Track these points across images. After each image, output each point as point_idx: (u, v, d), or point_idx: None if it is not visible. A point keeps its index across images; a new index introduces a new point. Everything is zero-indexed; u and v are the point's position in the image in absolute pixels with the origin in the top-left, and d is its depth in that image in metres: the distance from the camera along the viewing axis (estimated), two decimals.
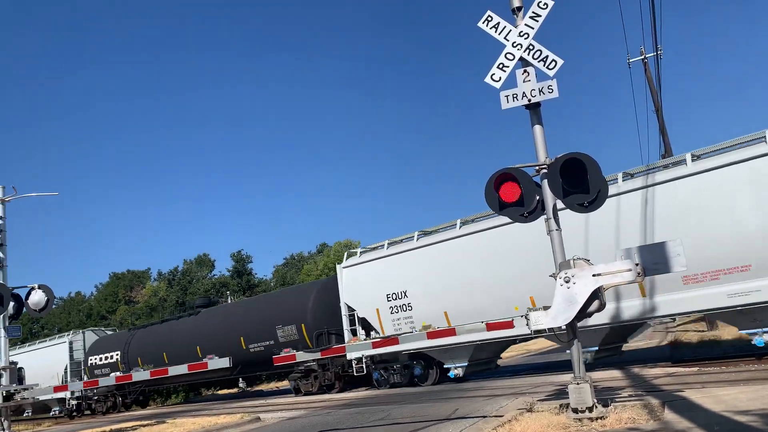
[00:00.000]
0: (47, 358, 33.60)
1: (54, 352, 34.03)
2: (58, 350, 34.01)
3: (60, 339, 35.14)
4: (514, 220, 9.06)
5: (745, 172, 13.01)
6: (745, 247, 12.88)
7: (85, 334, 34.56)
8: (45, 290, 13.72)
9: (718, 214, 13.21)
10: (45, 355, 34.12)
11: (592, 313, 8.33)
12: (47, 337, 38.32)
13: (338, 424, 12.07)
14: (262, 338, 23.97)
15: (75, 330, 36.36)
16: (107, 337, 34.63)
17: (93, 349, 32.73)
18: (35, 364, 32.15)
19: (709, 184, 13.47)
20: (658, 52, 25.91)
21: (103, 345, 32.49)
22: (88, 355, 32.33)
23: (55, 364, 33.10)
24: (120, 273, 77.43)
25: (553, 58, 8.75)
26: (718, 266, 13.16)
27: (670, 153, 25.96)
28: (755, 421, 6.59)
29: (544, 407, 9.29)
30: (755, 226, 12.79)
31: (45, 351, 34.76)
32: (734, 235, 12.98)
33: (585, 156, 8.21)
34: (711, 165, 13.56)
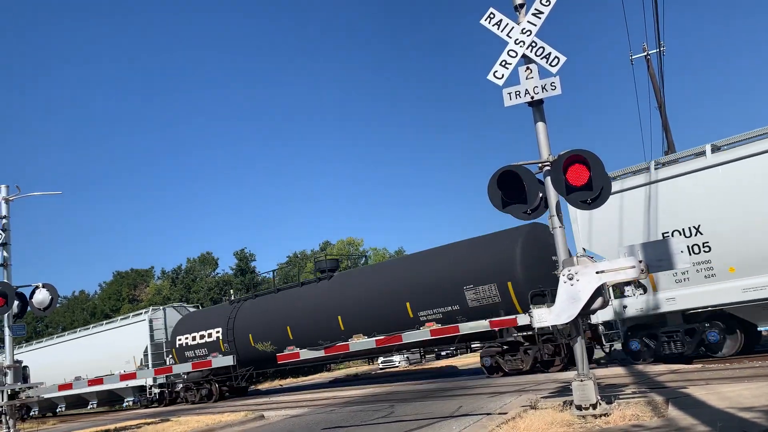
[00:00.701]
0: (121, 341, 29.89)
1: (129, 334, 29.86)
2: (134, 331, 29.70)
3: (136, 317, 30.87)
4: (517, 218, 9.05)
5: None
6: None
7: (166, 311, 30.24)
8: (49, 289, 13.78)
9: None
10: (118, 337, 30.31)
11: (595, 310, 8.35)
12: (119, 317, 34.24)
13: (342, 422, 12.09)
14: (441, 303, 18.84)
15: (154, 306, 32.21)
16: (198, 314, 30.18)
17: (181, 327, 27.96)
18: (106, 346, 30.09)
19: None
20: (660, 48, 25.84)
21: (195, 322, 27.76)
22: (175, 334, 27.74)
23: (131, 346, 29.19)
24: (123, 272, 77.62)
25: (556, 55, 8.75)
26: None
27: (673, 149, 25.90)
28: (760, 418, 6.59)
29: (547, 404, 9.30)
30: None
31: (118, 332, 30.82)
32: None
33: (588, 153, 8.20)
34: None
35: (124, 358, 28.72)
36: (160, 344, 28.71)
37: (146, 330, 28.97)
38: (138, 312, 31.74)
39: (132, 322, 30.49)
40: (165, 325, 29.30)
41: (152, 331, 28.89)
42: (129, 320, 30.98)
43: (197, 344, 26.36)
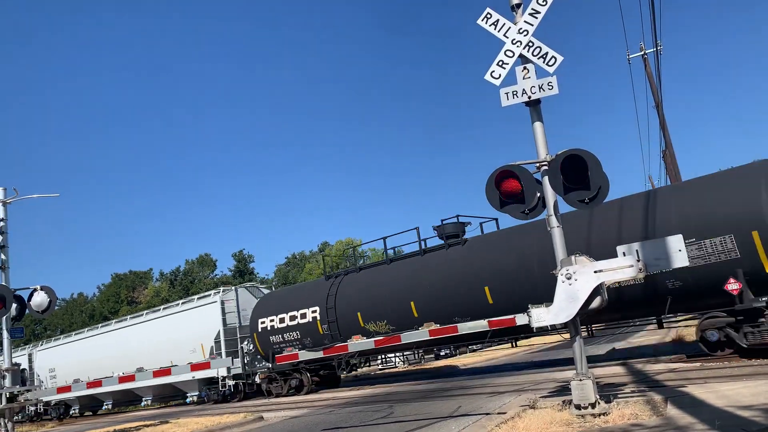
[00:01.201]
0: (183, 327, 26.54)
1: (194, 319, 26.26)
2: (201, 316, 26.03)
3: (203, 300, 26.96)
4: (515, 217, 9.05)
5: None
6: None
7: (238, 291, 26.19)
8: (47, 291, 13.75)
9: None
10: (180, 324, 26.89)
11: (594, 309, 8.35)
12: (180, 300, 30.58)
13: (341, 423, 12.08)
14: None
15: (225, 287, 27.51)
16: (282, 293, 26.40)
17: (263, 308, 23.85)
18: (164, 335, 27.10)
19: None
20: (658, 47, 25.86)
21: (281, 302, 23.68)
22: (256, 317, 23.58)
23: (197, 333, 25.64)
24: (122, 274, 77.64)
25: (553, 55, 8.76)
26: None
27: (671, 149, 25.94)
28: (758, 416, 6.60)
29: (546, 404, 9.30)
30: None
31: (180, 318, 27.30)
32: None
33: (586, 152, 8.21)
34: None
35: (188, 346, 25.41)
36: (232, 329, 24.89)
37: (218, 313, 25.01)
38: (204, 294, 28.18)
39: (199, 305, 26.66)
40: (238, 307, 25.40)
41: (224, 315, 24.91)
42: (194, 303, 27.19)
43: (287, 327, 22.30)
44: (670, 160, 26.91)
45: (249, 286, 27.57)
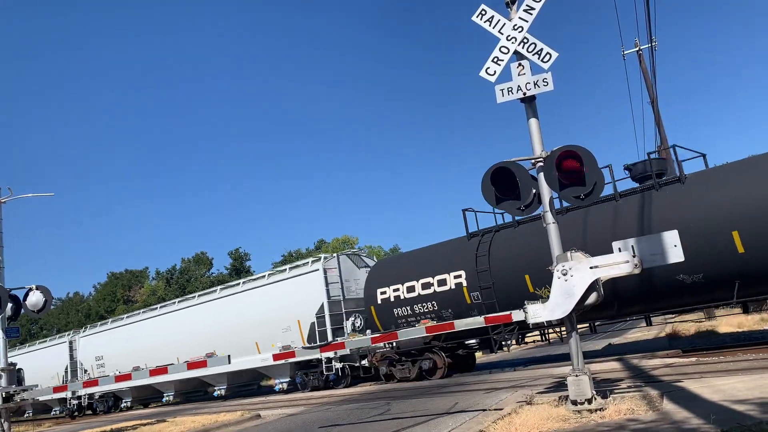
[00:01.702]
0: (280, 301, 22.54)
1: (293, 290, 22.29)
2: (301, 286, 22.04)
3: (301, 269, 22.68)
4: (511, 214, 9.07)
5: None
6: None
7: (340, 259, 22.33)
8: (43, 291, 13.71)
9: None
10: (275, 296, 22.89)
11: (590, 305, 8.37)
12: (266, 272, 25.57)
13: (339, 420, 12.09)
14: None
15: (326, 255, 23.20)
16: (404, 258, 21.80)
17: (380, 276, 20.42)
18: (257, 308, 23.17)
19: None
20: (652, 43, 25.92)
21: (404, 268, 19.90)
22: (373, 286, 20.23)
23: (296, 307, 21.80)
24: (118, 273, 77.47)
25: (548, 51, 8.76)
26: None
27: (666, 144, 26.00)
28: (753, 410, 6.63)
29: (543, 400, 9.33)
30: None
31: (273, 290, 23.24)
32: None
33: (581, 148, 8.22)
34: None
35: (280, 324, 21.90)
36: (336, 302, 21.28)
37: (320, 284, 21.21)
38: (297, 264, 23.76)
39: (293, 276, 22.69)
40: (341, 277, 21.67)
41: (327, 286, 21.29)
42: (287, 274, 23.09)
43: (417, 297, 18.84)
44: (666, 156, 26.94)
45: (350, 254, 23.44)
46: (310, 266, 22.17)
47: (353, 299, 21.49)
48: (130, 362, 24.74)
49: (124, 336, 29.76)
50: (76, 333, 34.46)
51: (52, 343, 35.74)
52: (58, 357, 33.82)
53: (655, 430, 6.41)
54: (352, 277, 22.06)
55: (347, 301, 21.45)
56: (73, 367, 32.67)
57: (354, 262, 22.82)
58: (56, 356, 33.94)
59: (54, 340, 36.11)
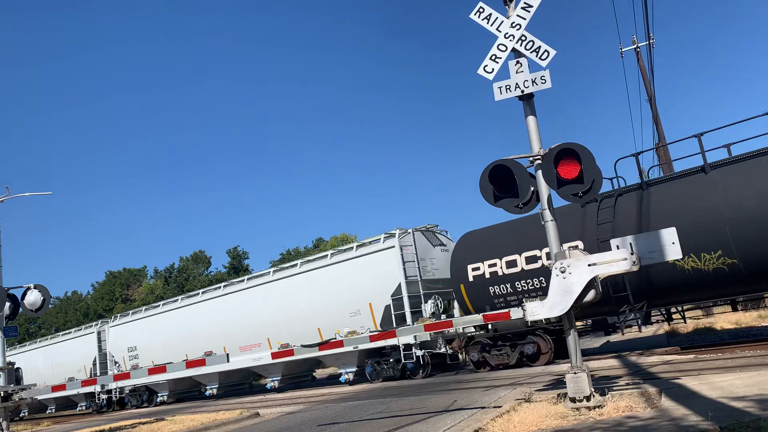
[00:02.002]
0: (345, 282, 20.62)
1: (361, 270, 20.40)
2: (372, 266, 20.19)
3: (371, 246, 20.65)
4: (509, 212, 9.08)
5: None
6: None
7: (415, 235, 20.11)
8: (41, 290, 13.71)
9: None
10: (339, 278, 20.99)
11: (588, 302, 8.38)
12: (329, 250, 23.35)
13: (337, 418, 12.10)
14: None
15: (400, 229, 20.27)
16: (497, 230, 18.34)
17: (471, 251, 18.06)
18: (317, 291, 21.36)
19: None
20: (650, 41, 25.95)
21: (499, 241, 17.62)
22: (463, 263, 17.92)
23: (367, 288, 19.95)
24: (116, 271, 77.38)
25: (546, 49, 8.76)
26: None
27: (664, 141, 26.03)
28: (751, 407, 6.65)
29: (542, 397, 9.34)
30: None
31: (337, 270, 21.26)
32: None
33: (579, 146, 8.22)
34: None
35: (347, 308, 20.15)
36: (413, 282, 19.24)
37: (396, 263, 19.27)
38: (363, 242, 21.45)
39: (362, 255, 20.64)
40: (416, 256, 19.70)
41: (404, 264, 19.29)
42: (354, 253, 21.07)
43: (521, 272, 16.69)
44: (663, 154, 27.01)
45: (424, 230, 20.99)
46: (383, 244, 20.11)
47: (430, 280, 19.68)
48: (168, 353, 23.99)
49: (161, 325, 27.93)
50: (105, 322, 32.68)
51: (78, 334, 33.83)
52: (85, 349, 32.08)
53: (654, 427, 6.42)
54: (428, 255, 20.17)
55: (424, 282, 19.50)
56: (102, 359, 30.92)
57: (428, 239, 20.70)
58: (83, 348, 32.25)
59: (80, 330, 34.25)
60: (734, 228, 13.22)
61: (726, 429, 5.65)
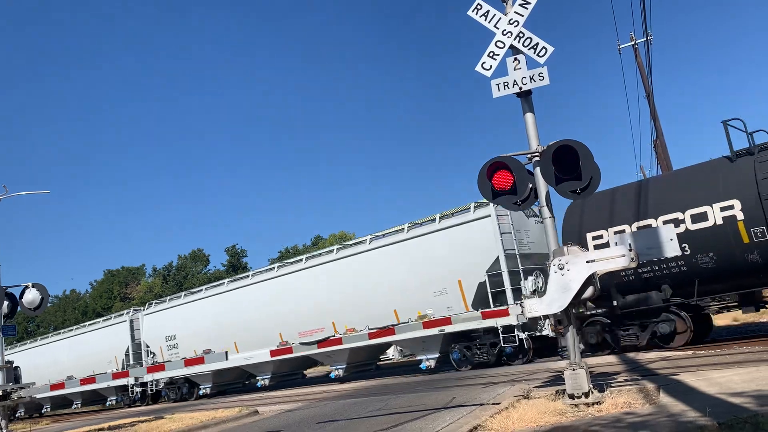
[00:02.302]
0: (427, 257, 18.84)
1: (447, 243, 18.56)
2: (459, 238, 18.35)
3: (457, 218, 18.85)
4: (507, 209, 9.10)
5: None
6: None
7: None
8: (39, 289, 13.71)
9: None
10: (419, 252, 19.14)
11: (586, 299, 8.39)
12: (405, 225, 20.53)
13: (336, 415, 12.11)
14: None
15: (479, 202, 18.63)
16: (618, 192, 15.84)
17: (587, 217, 15.75)
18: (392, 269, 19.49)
19: None
20: (648, 37, 25.95)
21: (621, 206, 15.38)
22: (581, 230, 15.51)
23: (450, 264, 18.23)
24: (114, 270, 77.42)
25: (544, 46, 8.76)
26: None
27: (662, 138, 26.04)
28: (749, 403, 6.66)
29: (540, 394, 9.36)
30: None
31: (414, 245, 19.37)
32: None
33: (577, 143, 8.23)
34: None
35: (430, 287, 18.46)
36: (512, 256, 17.38)
37: (491, 234, 17.49)
38: (445, 214, 19.43)
39: (452, 225, 18.68)
40: (512, 228, 17.81)
41: (501, 236, 17.40)
42: (436, 225, 19.12)
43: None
44: (661, 150, 27.03)
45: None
46: (474, 213, 18.16)
47: (527, 254, 17.84)
48: (212, 341, 23.55)
49: (204, 311, 26.08)
50: (138, 311, 30.90)
51: (106, 323, 32.03)
52: (116, 339, 30.21)
53: (652, 423, 6.43)
54: (523, 228, 18.26)
55: (523, 256, 17.65)
56: (136, 350, 29.31)
57: (523, 211, 18.24)
58: (113, 338, 30.37)
59: (110, 320, 32.45)
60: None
61: (724, 425, 5.66)
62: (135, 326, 29.76)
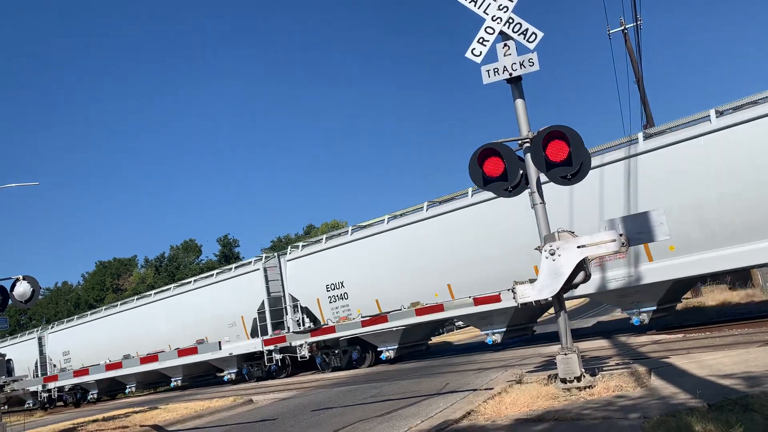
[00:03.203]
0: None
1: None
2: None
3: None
4: (498, 195, 9.10)
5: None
6: None
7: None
8: (30, 281, 13.60)
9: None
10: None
11: (578, 284, 8.42)
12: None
13: (330, 403, 12.16)
14: None
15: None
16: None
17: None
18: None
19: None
20: (637, 22, 25.91)
21: None
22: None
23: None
24: (106, 261, 77.13)
25: (533, 31, 8.73)
26: None
27: (652, 123, 26.08)
28: (738, 384, 6.73)
29: (533, 378, 9.41)
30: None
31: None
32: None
33: (567, 129, 8.22)
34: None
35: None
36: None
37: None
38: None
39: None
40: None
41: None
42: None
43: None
44: None
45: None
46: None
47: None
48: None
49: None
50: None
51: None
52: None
53: (643, 406, 6.49)
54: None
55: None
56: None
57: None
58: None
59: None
60: None
61: (714, 406, 5.72)
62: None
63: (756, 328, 12.70)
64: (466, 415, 7.62)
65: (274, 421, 11.06)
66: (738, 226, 13.10)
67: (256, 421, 11.53)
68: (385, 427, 8.26)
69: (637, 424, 5.65)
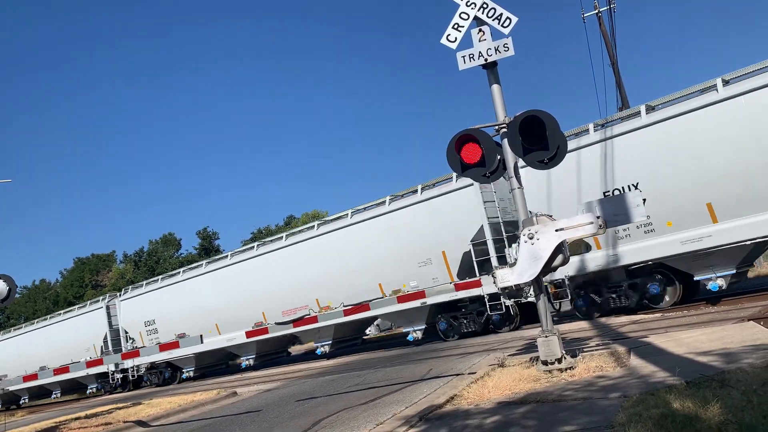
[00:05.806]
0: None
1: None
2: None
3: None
4: (477, 181, 9.13)
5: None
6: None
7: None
8: (6, 280, 13.41)
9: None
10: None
11: (557, 267, 8.50)
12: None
13: (314, 392, 12.19)
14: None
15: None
16: None
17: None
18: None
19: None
20: (611, 5, 26.09)
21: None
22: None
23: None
24: (84, 258, 76.15)
25: (508, 16, 8.74)
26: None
27: (627, 106, 26.32)
28: (716, 361, 6.86)
29: (515, 362, 9.51)
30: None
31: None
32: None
33: (543, 113, 8.26)
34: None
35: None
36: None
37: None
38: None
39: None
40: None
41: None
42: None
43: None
44: None
45: None
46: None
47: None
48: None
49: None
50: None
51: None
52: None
53: (623, 385, 6.59)
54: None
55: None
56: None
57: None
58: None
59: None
60: None
61: (692, 383, 5.83)
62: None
63: (731, 306, 12.94)
64: (449, 400, 7.69)
65: (259, 413, 11.06)
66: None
67: (240, 413, 11.52)
68: (369, 415, 8.30)
69: (617, 404, 5.74)
